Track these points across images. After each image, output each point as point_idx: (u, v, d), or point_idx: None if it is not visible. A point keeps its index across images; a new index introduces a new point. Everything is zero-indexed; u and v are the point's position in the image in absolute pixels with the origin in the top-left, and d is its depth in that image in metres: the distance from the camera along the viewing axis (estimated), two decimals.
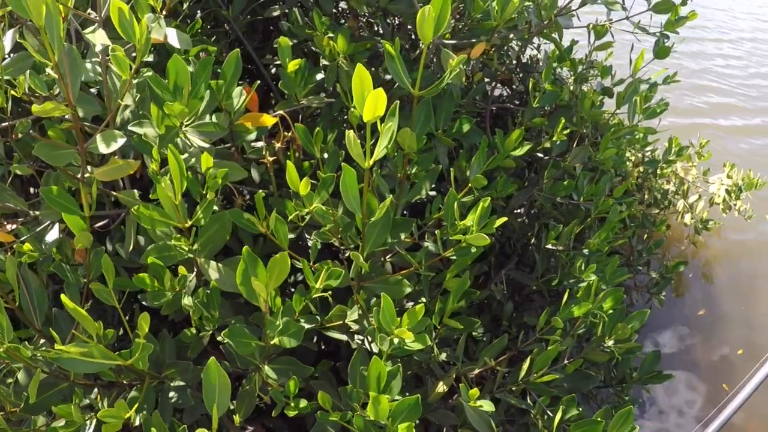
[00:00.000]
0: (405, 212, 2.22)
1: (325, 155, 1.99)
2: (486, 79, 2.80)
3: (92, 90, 1.89)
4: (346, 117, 2.33)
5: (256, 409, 1.70)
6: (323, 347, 2.34)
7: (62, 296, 1.29)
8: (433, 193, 2.14)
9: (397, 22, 2.74)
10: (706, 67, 8.80)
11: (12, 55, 1.63)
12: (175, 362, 1.73)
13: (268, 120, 1.84)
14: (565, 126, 2.48)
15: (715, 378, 4.14)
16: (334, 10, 2.88)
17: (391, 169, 2.03)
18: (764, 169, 4.81)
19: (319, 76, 2.17)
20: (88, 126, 1.79)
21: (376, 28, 2.79)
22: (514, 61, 3.16)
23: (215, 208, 1.57)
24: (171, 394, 1.69)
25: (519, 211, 2.96)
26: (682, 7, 2.41)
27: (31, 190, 2.25)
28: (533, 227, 2.86)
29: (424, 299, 2.07)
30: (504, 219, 1.65)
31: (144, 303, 1.69)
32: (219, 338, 1.68)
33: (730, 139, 6.90)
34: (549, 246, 2.60)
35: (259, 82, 1.93)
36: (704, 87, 8.11)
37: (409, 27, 2.61)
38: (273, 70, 2.68)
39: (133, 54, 1.36)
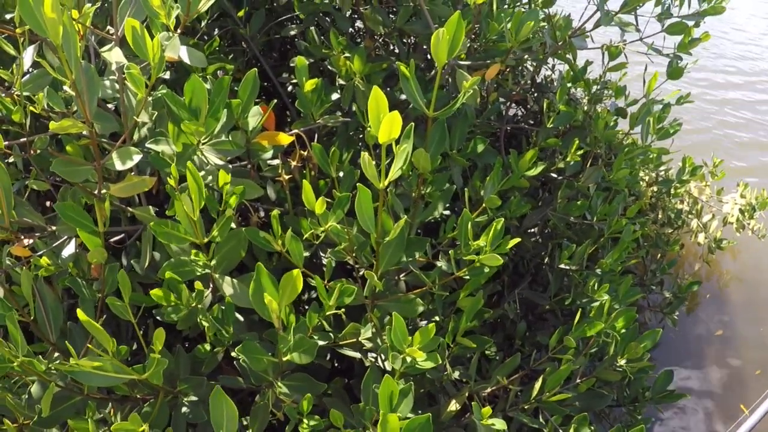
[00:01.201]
0: (419, 231, 2.23)
1: (341, 174, 2.00)
2: (501, 99, 2.81)
3: (110, 105, 1.91)
4: (361, 136, 2.34)
5: (269, 425, 1.70)
6: (336, 364, 2.34)
7: (78, 310, 1.30)
8: (447, 212, 2.15)
9: (412, 41, 2.76)
10: (718, 83, 8.76)
11: (31, 71, 1.65)
12: (188, 377, 1.73)
13: (285, 139, 1.85)
14: (579, 146, 2.49)
15: (732, 398, 4.10)
16: (351, 29, 2.90)
17: (406, 189, 2.04)
18: None
19: (335, 95, 2.18)
20: (106, 142, 1.81)
21: (392, 48, 2.81)
22: (529, 81, 3.17)
23: (232, 225, 1.58)
24: (184, 409, 1.70)
25: (533, 230, 2.96)
26: (695, 28, 2.42)
27: (47, 203, 2.27)
28: (547, 247, 2.86)
29: (437, 318, 2.07)
30: (517, 240, 1.65)
31: (158, 318, 1.70)
32: (233, 354, 1.68)
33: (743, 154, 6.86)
34: (562, 265, 2.60)
35: (276, 101, 1.94)
36: (719, 100, 8.08)
37: (424, 47, 2.63)
38: (289, 88, 2.70)
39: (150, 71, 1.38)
